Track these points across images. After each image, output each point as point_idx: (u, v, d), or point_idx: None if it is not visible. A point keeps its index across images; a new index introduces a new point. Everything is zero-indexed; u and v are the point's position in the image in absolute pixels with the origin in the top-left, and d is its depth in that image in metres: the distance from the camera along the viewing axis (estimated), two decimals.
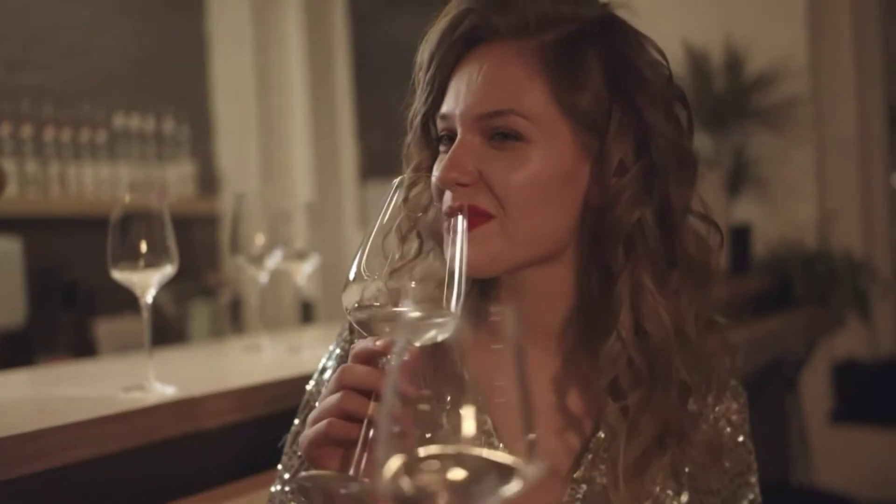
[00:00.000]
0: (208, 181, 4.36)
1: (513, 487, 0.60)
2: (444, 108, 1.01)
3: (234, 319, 4.01)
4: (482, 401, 0.99)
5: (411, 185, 1.02)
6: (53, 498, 1.24)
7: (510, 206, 0.96)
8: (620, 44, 0.99)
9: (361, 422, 0.83)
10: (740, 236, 3.39)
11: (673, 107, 1.00)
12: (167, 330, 3.82)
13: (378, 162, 4.46)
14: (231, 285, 4.12)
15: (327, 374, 1.08)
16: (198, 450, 1.43)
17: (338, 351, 1.09)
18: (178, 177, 4.17)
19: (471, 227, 0.94)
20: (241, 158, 4.40)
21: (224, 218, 4.18)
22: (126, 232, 1.40)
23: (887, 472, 3.41)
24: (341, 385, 0.85)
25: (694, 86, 3.39)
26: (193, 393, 1.38)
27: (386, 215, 0.92)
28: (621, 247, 0.98)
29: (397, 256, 1.03)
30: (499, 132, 0.97)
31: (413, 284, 0.91)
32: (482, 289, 1.06)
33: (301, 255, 1.97)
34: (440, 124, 1.02)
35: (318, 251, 1.99)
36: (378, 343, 0.85)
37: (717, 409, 1.07)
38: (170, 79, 4.31)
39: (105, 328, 3.55)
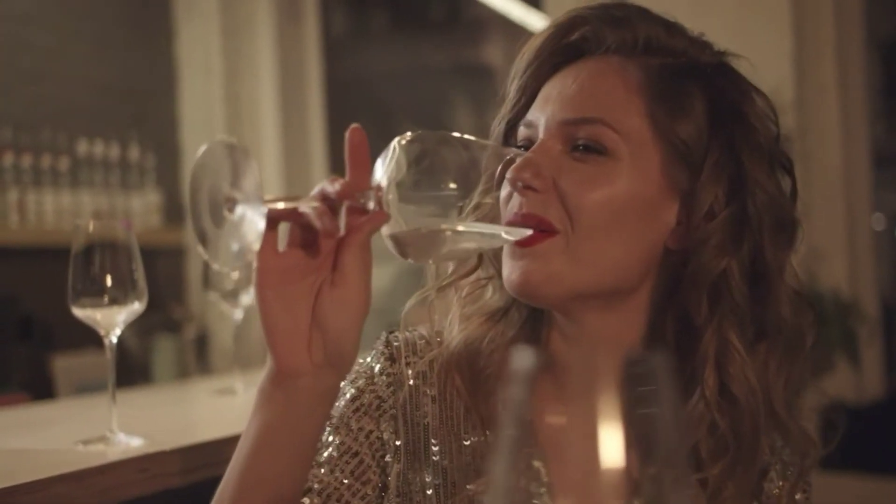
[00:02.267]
0: (174, 211, 4.20)
1: None
2: (530, 115, 0.93)
3: (200, 356, 3.85)
4: (534, 444, 0.88)
5: (484, 193, 0.91)
6: None
7: (580, 223, 0.86)
8: (730, 88, 0.92)
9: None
10: None
11: (776, 166, 0.92)
12: (129, 365, 3.64)
13: None
14: (197, 320, 3.96)
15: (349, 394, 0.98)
16: None
17: (376, 367, 0.98)
18: (143, 206, 4.01)
19: (532, 242, 0.86)
20: None
21: (191, 250, 4.03)
22: (89, 264, 1.25)
23: None
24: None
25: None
26: (163, 446, 1.23)
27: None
28: (706, 297, 0.88)
29: (450, 269, 0.97)
30: (582, 143, 0.88)
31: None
32: (532, 327, 0.96)
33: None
34: (522, 133, 0.94)
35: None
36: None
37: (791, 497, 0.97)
38: (136, 106, 4.16)
39: (63, 364, 3.37)
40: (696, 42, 0.95)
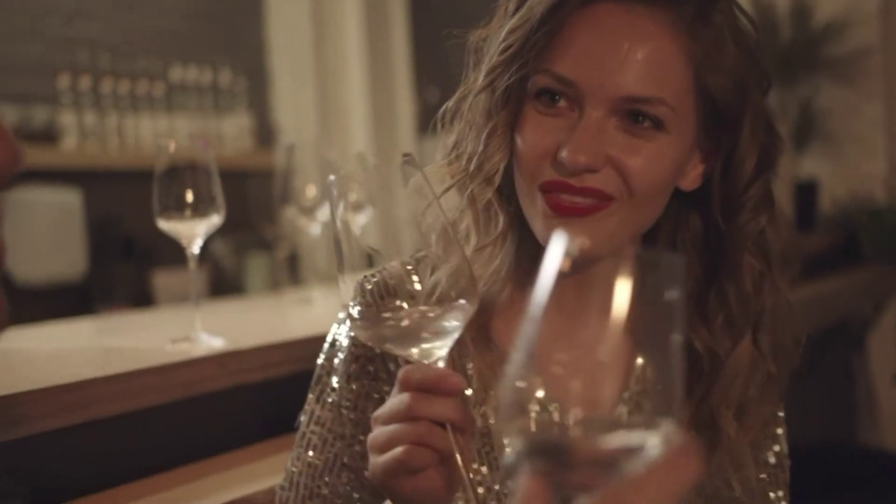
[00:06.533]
0: (265, 134, 4.34)
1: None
2: (568, 72, 0.87)
3: (292, 272, 4.01)
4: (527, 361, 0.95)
5: (490, 136, 0.92)
6: (93, 450, 1.23)
7: (639, 193, 0.89)
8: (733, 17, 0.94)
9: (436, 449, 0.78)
10: (806, 192, 3.29)
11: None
12: (225, 283, 3.82)
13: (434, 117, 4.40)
14: (289, 238, 4.12)
15: (342, 351, 1.00)
16: (242, 404, 1.42)
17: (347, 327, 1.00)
18: (235, 129, 4.15)
19: (592, 210, 0.88)
20: (298, 111, 4.37)
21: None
22: (172, 182, 1.37)
23: None
24: (416, 414, 0.77)
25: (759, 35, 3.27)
26: (240, 345, 1.36)
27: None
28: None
29: (473, 240, 0.94)
30: (642, 118, 0.87)
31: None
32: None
33: (356, 206, 1.93)
34: (551, 83, 0.88)
35: (372, 202, 1.96)
36: (432, 374, 0.78)
37: None
38: (226, 31, 4.29)
39: (162, 280, 3.57)
40: None
